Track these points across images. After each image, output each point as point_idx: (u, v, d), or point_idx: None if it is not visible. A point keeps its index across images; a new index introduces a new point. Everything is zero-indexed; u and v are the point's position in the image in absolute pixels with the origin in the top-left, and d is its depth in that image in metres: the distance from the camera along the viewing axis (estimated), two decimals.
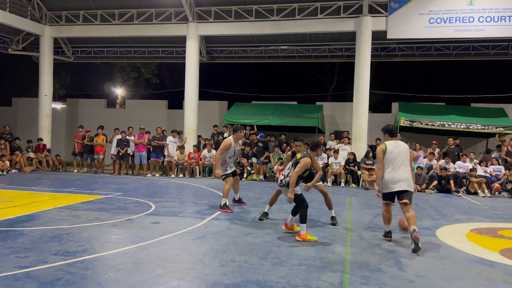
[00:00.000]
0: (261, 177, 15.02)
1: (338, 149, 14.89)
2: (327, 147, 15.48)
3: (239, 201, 9.38)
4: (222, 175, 8.78)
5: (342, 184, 14.02)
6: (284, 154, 15.35)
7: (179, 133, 16.31)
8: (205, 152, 15.77)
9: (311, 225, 7.33)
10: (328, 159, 14.50)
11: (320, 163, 14.38)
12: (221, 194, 10.73)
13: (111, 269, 4.68)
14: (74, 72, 28.79)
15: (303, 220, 6.34)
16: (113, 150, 15.79)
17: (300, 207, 6.50)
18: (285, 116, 17.12)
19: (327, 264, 5.09)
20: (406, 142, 6.77)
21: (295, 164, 6.60)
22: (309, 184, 7.10)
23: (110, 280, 4.35)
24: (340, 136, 16.23)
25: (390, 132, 6.59)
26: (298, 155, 6.73)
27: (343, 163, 14.27)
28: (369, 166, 13.80)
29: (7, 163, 14.80)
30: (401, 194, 6.26)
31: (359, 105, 15.31)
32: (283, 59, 20.18)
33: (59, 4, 17.57)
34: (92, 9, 17.42)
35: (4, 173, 14.43)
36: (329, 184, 13.96)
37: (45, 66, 18.09)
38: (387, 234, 6.56)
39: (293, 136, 16.63)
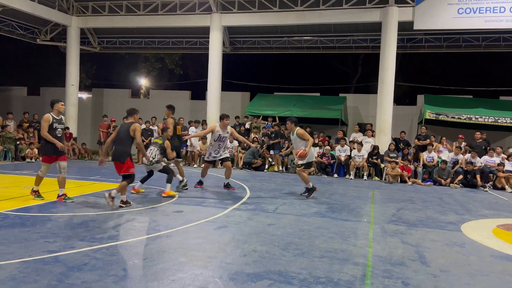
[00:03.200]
0: (282, 168, 15.01)
1: (361, 142, 14.73)
2: (351, 139, 15.33)
3: (227, 186, 9.92)
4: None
5: (365, 177, 13.88)
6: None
7: (202, 123, 16.43)
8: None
9: (333, 217, 7.30)
10: (351, 151, 14.37)
11: (343, 155, 14.27)
12: (243, 185, 10.82)
13: (135, 256, 4.77)
14: (99, 62, 29.24)
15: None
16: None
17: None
18: (308, 108, 17.02)
19: (349, 257, 5.07)
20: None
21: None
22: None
23: (134, 266, 4.44)
24: (364, 128, 16.05)
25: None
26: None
27: (366, 155, 14.12)
28: (393, 159, 13.62)
29: (36, 150, 15.22)
30: None
31: (384, 97, 15.08)
32: (307, 50, 20.01)
33: None
34: (118, 0, 17.61)
35: (33, 160, 14.85)
36: (352, 177, 13.85)
37: (72, 57, 18.44)
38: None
39: (316, 128, 16.61)
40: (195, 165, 15.50)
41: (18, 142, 15.20)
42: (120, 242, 5.27)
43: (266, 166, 15.05)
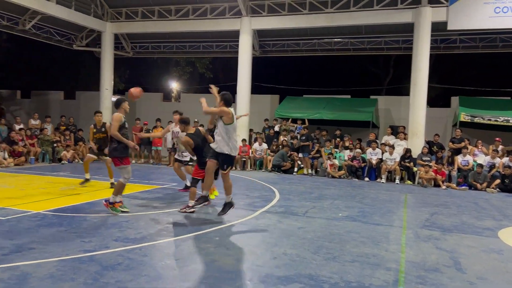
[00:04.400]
0: (312, 171, 14.92)
1: (393, 145, 14.46)
2: (382, 142, 15.07)
3: (186, 188, 9.44)
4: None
5: (397, 181, 13.61)
6: (336, 150, 15.15)
7: None
8: (256, 145, 15.90)
9: (364, 221, 7.20)
10: (382, 154, 14.13)
11: (374, 158, 14.05)
12: (272, 187, 10.82)
13: (167, 257, 4.86)
14: (132, 67, 29.91)
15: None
16: (168, 142, 16.28)
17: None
18: (338, 110, 16.85)
19: (381, 262, 4.98)
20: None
21: None
22: None
23: (166, 267, 4.52)
24: (396, 131, 15.75)
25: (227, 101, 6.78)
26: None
27: (398, 159, 13.85)
28: (426, 163, 13.30)
29: (71, 152, 15.70)
30: None
31: (416, 99, 14.76)
32: (337, 52, 19.83)
33: (119, 1, 18.29)
34: (150, 5, 17.99)
35: (65, 162, 15.32)
36: (383, 180, 13.61)
37: (106, 61, 18.96)
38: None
39: (347, 131, 16.42)
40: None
41: (55, 145, 15.73)
42: (152, 243, 5.37)
43: (295, 169, 14.99)
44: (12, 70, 26.47)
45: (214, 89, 7.12)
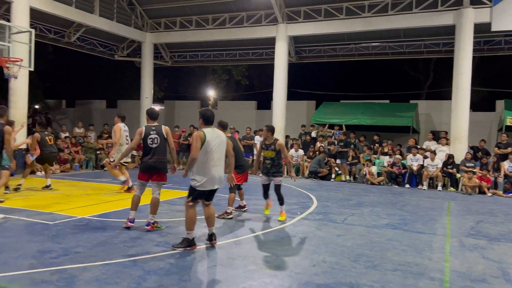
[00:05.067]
0: (350, 178, 14.70)
1: (434, 150, 14.03)
2: (423, 147, 14.65)
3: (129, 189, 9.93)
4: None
5: (439, 188, 13.18)
6: (376, 156, 14.86)
7: None
8: (292, 151, 15.84)
9: (406, 229, 7.02)
10: (423, 160, 13.73)
11: (415, 164, 13.68)
12: (309, 194, 10.74)
13: (207, 262, 4.92)
14: (171, 76, 30.61)
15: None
16: None
17: None
18: (377, 115, 16.54)
19: (424, 271, 4.84)
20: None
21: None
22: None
23: (206, 272, 4.58)
24: (438, 136, 15.28)
25: (206, 118, 5.47)
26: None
27: (440, 165, 13.42)
28: (470, 169, 12.81)
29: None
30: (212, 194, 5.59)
31: (459, 103, 14.28)
32: (374, 56, 19.52)
33: (159, 12, 18.82)
34: (188, 15, 18.39)
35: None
36: (425, 187, 13.21)
37: (146, 71, 19.52)
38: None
39: (386, 136, 16.09)
40: (261, 174, 15.57)
41: (98, 152, 16.30)
42: (192, 248, 5.44)
43: (333, 176, 14.82)
44: (58, 80, 27.71)
45: None
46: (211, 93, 33.03)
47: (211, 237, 5.56)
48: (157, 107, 24.17)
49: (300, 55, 19.98)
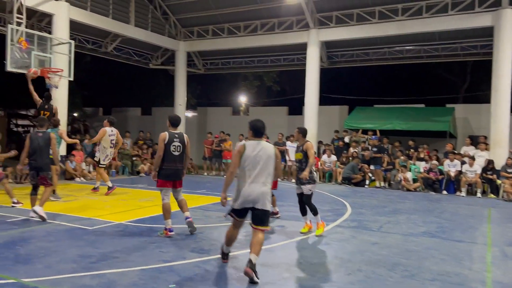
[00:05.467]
0: (384, 184, 14.42)
1: (473, 156, 13.58)
2: (461, 152, 14.21)
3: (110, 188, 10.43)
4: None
5: (479, 194, 12.74)
6: (411, 161, 14.53)
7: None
8: (324, 157, 15.72)
9: (444, 238, 6.82)
10: (461, 166, 13.31)
11: (453, 170, 13.29)
12: (342, 201, 10.61)
13: (241, 269, 4.93)
14: (203, 83, 31.04)
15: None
16: None
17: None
18: (412, 120, 16.18)
19: (465, 281, 4.69)
20: None
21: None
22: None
23: (240, 279, 4.59)
24: (476, 141, 14.78)
25: (256, 130, 4.94)
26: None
27: (479, 171, 12.97)
28: (511, 175, 12.32)
29: (148, 165, 16.56)
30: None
31: (498, 107, 13.78)
32: (409, 60, 19.13)
33: (191, 21, 19.18)
34: (220, 23, 18.64)
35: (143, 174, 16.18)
36: (463, 194, 12.80)
37: (179, 78, 19.91)
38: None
39: (421, 142, 15.72)
40: (293, 180, 15.52)
41: (134, 158, 16.70)
42: None
43: (367, 182, 14.58)
44: (95, 89, 28.63)
45: None
46: (242, 99, 33.27)
47: (249, 264, 4.53)
48: (189, 114, 24.61)
49: (332, 60, 19.84)
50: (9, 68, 11.08)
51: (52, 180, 7.89)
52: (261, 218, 4.77)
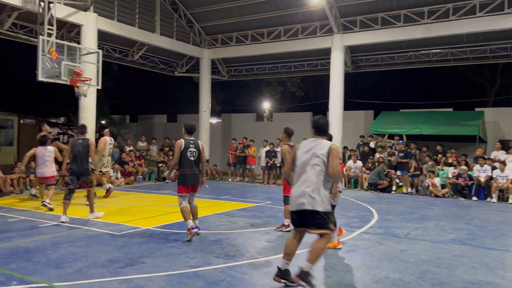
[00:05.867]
0: (411, 190, 14.14)
1: (504, 161, 13.18)
2: (491, 157, 13.81)
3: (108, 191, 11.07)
4: None
5: (510, 200, 12.33)
6: (439, 167, 14.21)
7: None
8: (350, 163, 15.54)
9: (475, 245, 6.63)
10: (492, 171, 12.93)
11: (483, 176, 12.92)
12: (369, 207, 10.46)
13: (266, 275, 4.92)
14: (227, 89, 31.26)
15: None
16: (262, 161, 16.65)
17: None
18: (439, 125, 15.84)
19: None
20: None
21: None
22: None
23: (266, 286, 4.59)
24: (507, 145, 14.34)
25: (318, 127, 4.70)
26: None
27: (510, 176, 12.56)
28: None
29: (174, 172, 16.73)
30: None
31: None
32: (436, 63, 18.76)
33: (216, 29, 19.38)
34: (244, 30, 18.76)
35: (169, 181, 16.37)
36: (494, 200, 12.42)
37: (204, 85, 20.12)
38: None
39: (449, 146, 15.35)
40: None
41: (160, 165, 16.94)
42: (252, 261, 5.50)
43: (394, 188, 14.34)
44: (122, 97, 29.22)
45: None
46: (266, 105, 33.31)
47: (301, 275, 4.33)
48: (214, 120, 24.80)
49: (357, 65, 19.66)
50: (41, 77, 11.44)
51: (92, 183, 8.20)
52: (308, 221, 4.46)
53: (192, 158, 6.75)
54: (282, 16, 17.36)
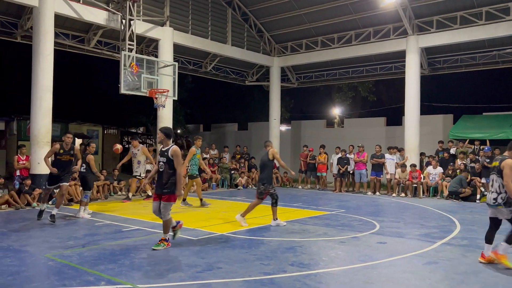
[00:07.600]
0: None
1: None
2: None
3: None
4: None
5: None
6: None
7: (399, 150, 15.78)
8: (430, 168, 14.75)
9: None
10: None
11: None
12: (450, 217, 9.85)
13: (343, 285, 4.81)
14: (296, 96, 31.28)
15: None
16: (334, 168, 16.37)
17: None
18: None
19: None
20: None
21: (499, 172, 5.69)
22: None
23: None
24: None
25: None
26: (496, 163, 5.89)
27: None
28: None
29: (246, 178, 17.03)
30: None
31: None
32: None
33: (285, 37, 19.51)
34: (314, 36, 18.67)
35: (240, 187, 16.65)
36: None
37: (274, 93, 20.30)
38: None
39: None
40: (394, 194, 14.81)
41: (232, 172, 17.31)
42: (326, 270, 5.41)
43: (478, 196, 13.38)
44: (196, 107, 30.41)
45: None
46: (337, 111, 32.81)
47: None
48: (283, 128, 24.89)
49: (434, 67, 18.73)
50: (123, 90, 12.24)
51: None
52: None
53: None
54: (353, 20, 17.05)
